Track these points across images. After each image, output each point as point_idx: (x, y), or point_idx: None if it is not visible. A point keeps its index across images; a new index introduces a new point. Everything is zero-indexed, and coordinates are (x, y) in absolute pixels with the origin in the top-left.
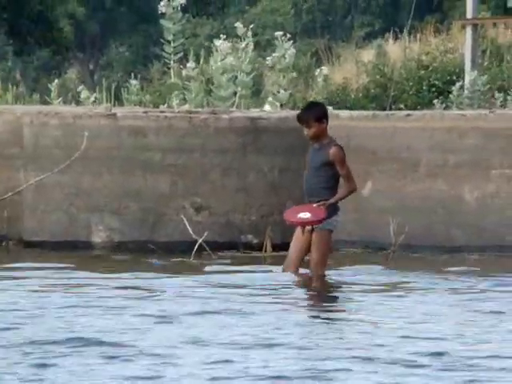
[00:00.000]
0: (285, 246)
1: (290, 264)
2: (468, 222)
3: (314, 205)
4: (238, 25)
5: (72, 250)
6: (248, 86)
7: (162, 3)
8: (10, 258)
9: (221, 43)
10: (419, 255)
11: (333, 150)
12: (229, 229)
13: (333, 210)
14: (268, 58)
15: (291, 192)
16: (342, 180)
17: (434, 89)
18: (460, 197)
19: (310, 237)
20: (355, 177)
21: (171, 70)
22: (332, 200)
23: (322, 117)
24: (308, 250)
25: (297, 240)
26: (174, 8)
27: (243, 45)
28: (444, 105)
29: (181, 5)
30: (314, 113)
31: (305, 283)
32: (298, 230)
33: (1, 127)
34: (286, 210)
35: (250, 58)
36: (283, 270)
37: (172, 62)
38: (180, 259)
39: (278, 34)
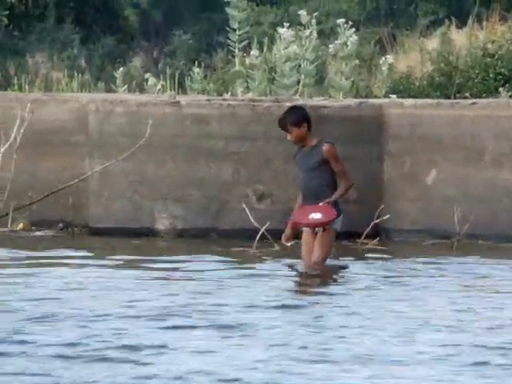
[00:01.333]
0: (348, 235)
1: (311, 265)
2: None
3: (320, 204)
4: (302, 13)
5: (136, 237)
6: (311, 74)
7: None
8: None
9: (284, 31)
10: (484, 243)
11: (325, 147)
12: (291, 217)
13: (338, 210)
14: (330, 46)
15: (354, 181)
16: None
17: (500, 77)
18: None
19: (315, 236)
20: (419, 165)
21: (236, 58)
22: (333, 197)
23: (301, 121)
24: None
25: (307, 244)
26: None
27: (307, 33)
28: (510, 93)
29: None
30: (291, 118)
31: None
32: (305, 233)
33: (66, 115)
34: (294, 211)
35: (313, 46)
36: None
37: (237, 50)
38: (241, 248)
39: (341, 21)
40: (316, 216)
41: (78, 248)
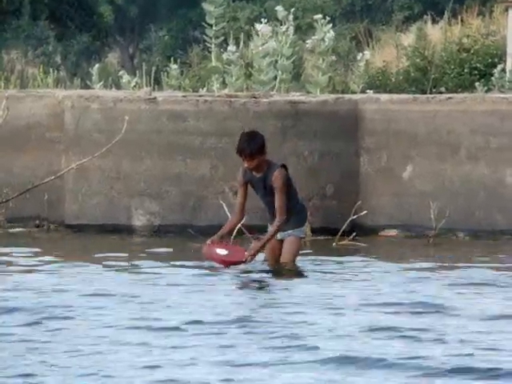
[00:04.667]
0: (324, 231)
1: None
2: (509, 206)
3: (238, 247)
4: (279, 8)
5: (112, 233)
6: (288, 69)
7: None
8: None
9: (262, 27)
10: (460, 239)
11: (275, 176)
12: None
13: (304, 218)
14: (308, 41)
15: (330, 176)
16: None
17: (475, 72)
18: (501, 180)
19: (281, 246)
20: (396, 160)
21: (212, 54)
22: (264, 239)
23: (264, 147)
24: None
25: (272, 249)
26: None
27: (283, 28)
28: (485, 88)
29: None
30: (255, 146)
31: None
32: (271, 243)
33: (42, 111)
34: (206, 244)
35: (290, 41)
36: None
37: (213, 45)
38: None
39: (318, 17)
40: (221, 252)
41: (52, 245)
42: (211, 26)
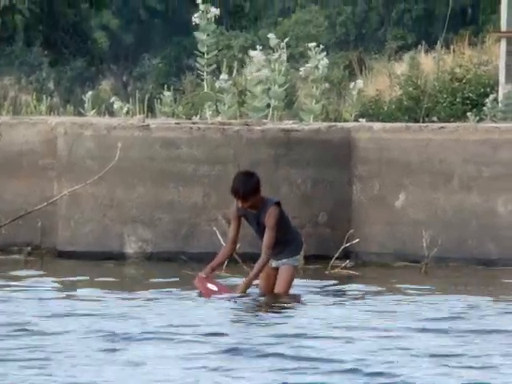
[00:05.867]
0: (317, 259)
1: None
2: (502, 235)
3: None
4: (271, 36)
5: (105, 260)
6: (281, 97)
7: (195, 15)
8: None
9: (257, 53)
10: (452, 268)
11: (268, 213)
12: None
13: (298, 247)
14: (301, 69)
15: (324, 204)
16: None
17: (467, 101)
18: (493, 210)
19: (275, 273)
20: (388, 188)
21: (204, 82)
22: (250, 276)
23: (258, 187)
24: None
25: (267, 278)
26: (208, 20)
27: (276, 56)
28: (478, 117)
29: (215, 16)
30: (250, 187)
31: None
32: (266, 271)
33: (35, 138)
34: (198, 277)
35: (283, 69)
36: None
37: (205, 73)
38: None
39: (312, 45)
40: (212, 288)
41: (45, 272)
42: (203, 54)
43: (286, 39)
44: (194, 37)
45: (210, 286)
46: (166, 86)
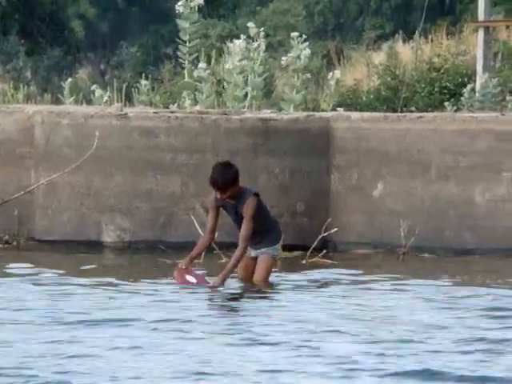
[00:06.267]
0: (295, 248)
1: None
2: (479, 225)
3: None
4: (251, 25)
5: (82, 249)
6: (259, 87)
7: (179, 3)
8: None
9: (240, 42)
10: (429, 257)
11: (246, 204)
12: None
13: (277, 236)
14: (283, 59)
15: (302, 193)
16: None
17: (445, 91)
18: (471, 199)
19: (254, 263)
20: (366, 178)
21: (185, 71)
22: (229, 267)
23: (237, 178)
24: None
25: (245, 268)
26: (191, 8)
27: (255, 45)
28: (455, 107)
29: (198, 6)
30: (228, 178)
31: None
32: (244, 261)
33: (12, 126)
34: (177, 268)
35: (262, 59)
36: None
37: (186, 62)
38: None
39: (294, 34)
40: (191, 280)
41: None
42: (185, 42)
43: (264, 28)
44: (171, 25)
45: (189, 278)
46: (143, 75)
